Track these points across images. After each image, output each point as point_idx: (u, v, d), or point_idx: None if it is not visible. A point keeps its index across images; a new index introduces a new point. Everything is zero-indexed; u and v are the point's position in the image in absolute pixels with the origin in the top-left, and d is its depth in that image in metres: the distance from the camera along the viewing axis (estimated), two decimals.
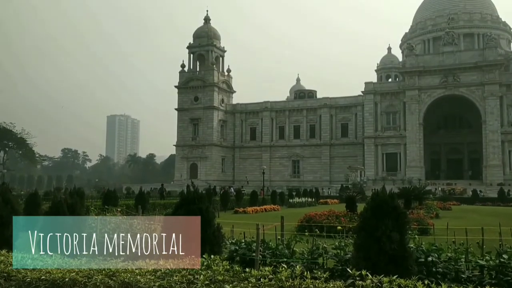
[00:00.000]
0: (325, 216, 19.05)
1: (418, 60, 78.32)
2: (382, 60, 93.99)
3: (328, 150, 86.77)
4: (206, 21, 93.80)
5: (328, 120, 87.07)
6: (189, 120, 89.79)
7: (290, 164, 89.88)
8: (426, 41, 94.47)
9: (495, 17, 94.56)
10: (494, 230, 11.30)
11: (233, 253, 9.41)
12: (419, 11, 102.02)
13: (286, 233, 12.31)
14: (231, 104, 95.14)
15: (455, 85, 74.32)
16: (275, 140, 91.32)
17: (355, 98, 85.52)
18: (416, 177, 71.33)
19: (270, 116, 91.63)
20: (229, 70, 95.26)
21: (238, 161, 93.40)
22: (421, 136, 76.32)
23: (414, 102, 76.28)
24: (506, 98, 73.04)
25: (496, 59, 73.82)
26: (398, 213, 6.29)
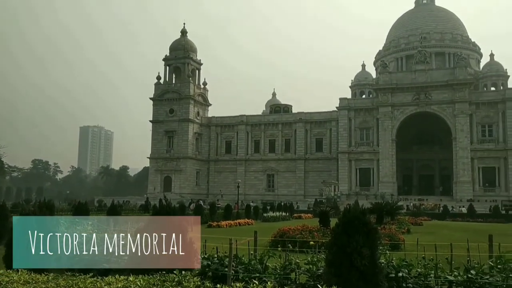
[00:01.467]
0: (299, 231, 19.09)
1: (391, 78, 79.94)
2: (357, 77, 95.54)
3: (303, 165, 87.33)
4: (183, 34, 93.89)
5: (303, 135, 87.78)
6: (164, 133, 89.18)
7: (265, 178, 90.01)
8: (399, 59, 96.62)
9: (465, 37, 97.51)
10: (463, 246, 11.54)
11: (205, 268, 9.34)
12: (392, 30, 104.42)
13: (259, 248, 12.29)
14: (206, 117, 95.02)
15: (426, 103, 76.03)
16: (250, 154, 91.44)
17: (330, 114, 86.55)
18: (389, 193, 72.31)
19: (246, 130, 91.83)
20: (205, 83, 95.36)
21: (213, 175, 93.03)
22: (393, 152, 77.56)
23: (387, 118, 77.64)
24: (475, 116, 75.05)
25: (466, 78, 75.93)
26: (369, 229, 6.37)
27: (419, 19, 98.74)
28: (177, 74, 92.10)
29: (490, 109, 75.06)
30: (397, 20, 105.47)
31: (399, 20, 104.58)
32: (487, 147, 74.31)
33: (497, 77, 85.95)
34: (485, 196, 70.75)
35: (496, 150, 73.74)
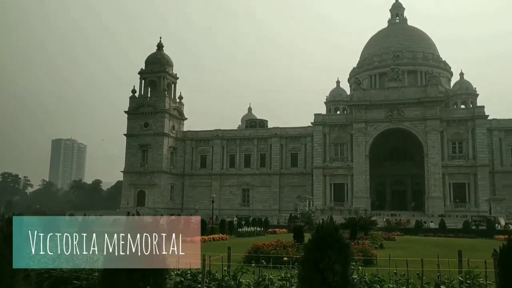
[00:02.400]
0: (273, 246, 19.07)
1: (365, 94, 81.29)
2: (331, 93, 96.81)
3: (278, 179, 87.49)
4: (159, 47, 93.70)
5: (279, 150, 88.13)
6: (138, 146, 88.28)
7: (240, 193, 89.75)
8: (373, 76, 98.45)
9: (436, 56, 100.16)
10: (434, 261, 11.72)
11: (178, 284, 9.23)
12: (366, 48, 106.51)
13: (233, 264, 12.22)
14: (182, 131, 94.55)
15: (399, 119, 77.48)
16: (225, 168, 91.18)
17: (305, 129, 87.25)
18: (363, 208, 72.99)
19: (221, 144, 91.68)
20: (181, 97, 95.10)
21: (188, 189, 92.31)
22: (367, 168, 78.52)
23: (361, 134, 78.72)
24: (446, 133, 76.79)
25: (437, 96, 77.80)
26: (342, 245, 6.40)
27: (392, 37, 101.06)
28: (152, 88, 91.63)
29: (460, 127, 76.95)
30: (370, 38, 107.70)
31: (373, 39, 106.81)
32: (458, 164, 75.97)
33: (466, 96, 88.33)
34: (456, 211, 72.08)
35: (466, 167, 75.43)
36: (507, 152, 77.81)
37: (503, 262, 6.27)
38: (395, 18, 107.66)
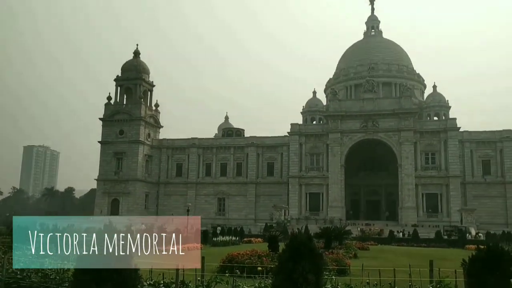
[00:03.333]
0: (248, 256, 19.01)
1: (341, 105, 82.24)
2: (308, 103, 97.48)
3: (254, 189, 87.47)
4: (136, 54, 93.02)
5: (255, 159, 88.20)
6: (113, 154, 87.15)
7: (216, 202, 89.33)
8: (349, 87, 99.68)
9: (410, 69, 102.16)
10: (406, 270, 11.88)
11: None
12: (342, 59, 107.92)
13: (207, 274, 12.13)
14: (158, 139, 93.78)
15: (374, 130, 78.58)
16: (201, 177, 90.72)
17: (282, 138, 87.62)
18: (338, 217, 73.54)
19: (197, 153, 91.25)
20: (157, 104, 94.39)
21: (163, 198, 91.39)
22: (342, 178, 79.23)
23: (336, 144, 79.48)
24: (419, 144, 78.18)
25: (411, 107, 79.26)
26: (315, 255, 6.46)
27: (368, 50, 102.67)
28: (128, 95, 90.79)
29: (433, 138, 78.48)
30: (346, 50, 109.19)
31: (349, 50, 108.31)
32: (430, 174, 77.35)
33: (439, 108, 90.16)
34: (429, 221, 73.22)
35: (438, 177, 76.86)
36: (478, 163, 79.63)
37: (471, 271, 6.42)
38: (370, 30, 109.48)
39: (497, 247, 6.44)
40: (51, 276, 11.45)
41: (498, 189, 77.92)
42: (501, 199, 77.41)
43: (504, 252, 6.43)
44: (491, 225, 70.14)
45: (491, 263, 6.32)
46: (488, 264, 6.31)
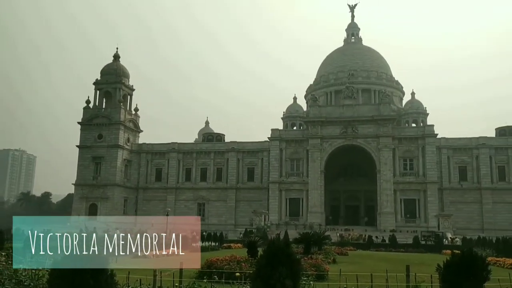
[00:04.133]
0: (227, 261, 18.96)
1: (321, 111, 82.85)
2: (288, 109, 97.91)
3: (234, 194, 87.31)
4: (116, 58, 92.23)
5: (235, 164, 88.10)
6: (91, 159, 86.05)
7: (195, 207, 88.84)
8: (329, 94, 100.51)
9: (389, 76, 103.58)
10: (384, 275, 11.99)
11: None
12: (323, 65, 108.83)
13: (185, 280, 12.05)
14: (137, 143, 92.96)
15: (353, 136, 79.32)
16: (181, 182, 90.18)
17: (262, 144, 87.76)
18: (317, 223, 73.87)
19: (177, 158, 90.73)
20: (137, 109, 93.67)
21: (142, 203, 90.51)
22: (322, 183, 79.69)
23: (316, 150, 79.96)
24: (398, 150, 79.19)
25: (390, 114, 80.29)
26: (293, 261, 6.49)
27: (348, 56, 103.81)
28: (107, 99, 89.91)
29: (411, 144, 79.58)
30: (327, 56, 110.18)
31: (329, 57, 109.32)
32: (408, 180, 78.36)
33: (417, 114, 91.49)
34: (407, 226, 74.05)
35: (416, 183, 77.91)
36: (454, 169, 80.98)
37: (446, 276, 6.52)
38: (350, 37, 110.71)
39: (471, 252, 6.55)
40: (25, 283, 11.22)
41: (474, 195, 79.34)
42: (477, 204, 78.83)
43: (478, 257, 6.55)
44: (467, 230, 71.34)
45: (465, 268, 6.43)
46: (462, 269, 6.41)
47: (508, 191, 78.06)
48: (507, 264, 28.11)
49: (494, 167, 79.51)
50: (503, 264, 28.77)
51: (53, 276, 6.76)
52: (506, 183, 78.60)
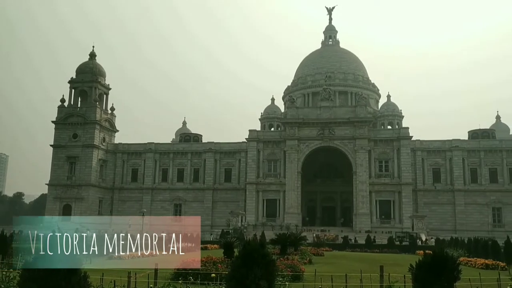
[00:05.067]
0: (203, 262, 18.89)
1: (298, 112, 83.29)
2: (266, 110, 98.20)
3: (211, 195, 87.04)
4: (92, 56, 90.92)
5: (213, 165, 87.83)
6: (66, 158, 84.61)
7: (172, 208, 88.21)
8: (306, 95, 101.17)
9: (365, 78, 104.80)
10: (358, 276, 12.12)
11: None
12: (300, 67, 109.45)
13: (160, 281, 11.95)
14: (113, 143, 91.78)
15: (330, 138, 79.99)
16: (157, 183, 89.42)
17: (239, 145, 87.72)
18: (294, 223, 74.20)
19: (154, 158, 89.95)
20: (113, 108, 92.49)
21: (117, 203, 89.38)
22: (299, 184, 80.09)
23: (293, 151, 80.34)
24: (373, 152, 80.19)
25: (366, 116, 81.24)
26: (268, 261, 6.50)
27: (325, 59, 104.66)
28: (83, 98, 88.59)
29: (387, 146, 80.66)
30: (305, 58, 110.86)
31: (307, 59, 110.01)
32: (384, 182, 79.40)
33: (393, 117, 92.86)
34: (382, 227, 75.03)
35: (391, 185, 79.01)
36: (428, 171, 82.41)
37: (418, 276, 6.64)
38: (328, 40, 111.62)
39: (442, 253, 6.68)
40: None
41: (447, 197, 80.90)
42: (450, 206, 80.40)
43: (449, 258, 6.68)
44: (440, 231, 72.79)
45: (436, 268, 6.55)
46: (434, 269, 6.53)
47: (479, 193, 79.86)
48: (478, 264, 28.75)
49: (466, 169, 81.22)
50: (474, 264, 29.40)
51: (24, 278, 6.62)
52: (478, 185, 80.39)
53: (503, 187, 79.54)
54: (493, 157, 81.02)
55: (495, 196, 79.53)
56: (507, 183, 79.63)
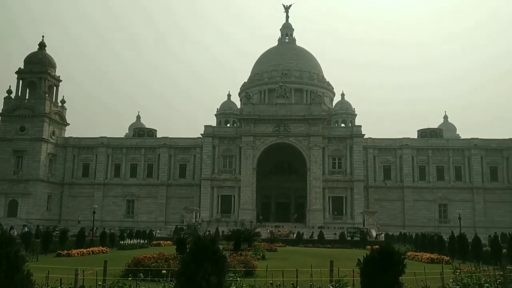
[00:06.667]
0: (154, 259, 18.64)
1: (254, 109, 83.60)
2: (222, 106, 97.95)
3: (165, 191, 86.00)
4: (41, 47, 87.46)
5: (167, 160, 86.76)
6: (12, 152, 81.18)
7: (124, 204, 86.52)
8: (263, 92, 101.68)
9: (321, 77, 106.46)
10: (309, 271, 12.30)
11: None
12: (257, 64, 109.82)
13: (110, 279, 11.68)
14: (63, 137, 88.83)
15: (285, 134, 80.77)
16: (109, 178, 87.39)
17: (195, 140, 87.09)
18: (248, 219, 74.52)
19: (106, 153, 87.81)
20: (64, 101, 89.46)
21: (67, 199, 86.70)
22: (254, 180, 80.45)
23: (249, 147, 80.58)
24: (327, 149, 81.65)
25: (321, 114, 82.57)
26: (218, 257, 6.47)
27: (282, 56, 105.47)
28: (31, 90, 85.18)
29: (340, 144, 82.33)
30: (261, 55, 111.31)
31: (264, 55, 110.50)
32: (336, 178, 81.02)
33: (346, 115, 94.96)
34: (334, 223, 76.61)
35: (344, 181, 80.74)
36: (379, 168, 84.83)
37: (365, 270, 6.81)
38: (284, 37, 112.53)
39: (389, 248, 6.87)
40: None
41: (397, 193, 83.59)
42: (399, 202, 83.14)
43: (395, 252, 6.88)
44: (390, 227, 75.17)
45: (383, 262, 6.74)
46: (380, 264, 6.72)
47: (427, 189, 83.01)
48: (424, 259, 29.83)
49: (415, 166, 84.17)
50: (420, 258, 30.49)
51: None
52: (426, 182, 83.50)
53: (449, 184, 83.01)
54: (441, 156, 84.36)
55: (441, 193, 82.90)
56: (453, 180, 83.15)
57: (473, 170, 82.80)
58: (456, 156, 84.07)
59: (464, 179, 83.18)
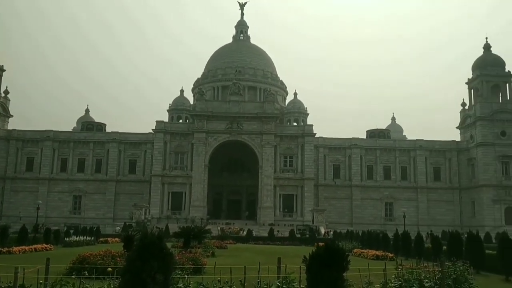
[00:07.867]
0: (101, 256, 18.21)
1: (208, 105, 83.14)
2: (175, 101, 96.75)
3: (114, 187, 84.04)
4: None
5: (116, 155, 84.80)
6: None
7: (71, 200, 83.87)
8: (216, 89, 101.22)
9: (274, 75, 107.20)
10: (257, 268, 12.41)
11: None
12: (211, 60, 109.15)
13: (52, 277, 11.31)
14: (6, 129, 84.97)
15: (238, 132, 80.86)
16: (55, 173, 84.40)
17: (146, 136, 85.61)
18: (199, 216, 74.12)
19: (52, 147, 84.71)
20: (7, 91, 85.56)
21: (9, 194, 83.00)
22: (205, 177, 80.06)
23: (201, 144, 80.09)
24: (279, 147, 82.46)
25: (273, 112, 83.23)
26: (165, 254, 6.41)
27: (236, 53, 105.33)
28: None
29: (292, 142, 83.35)
30: (216, 52, 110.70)
31: (218, 52, 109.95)
32: (288, 176, 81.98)
33: (298, 114, 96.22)
34: (284, 220, 77.52)
35: (295, 179, 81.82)
36: (329, 167, 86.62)
37: (310, 267, 6.95)
38: (239, 35, 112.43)
39: (334, 245, 7.04)
40: None
41: (346, 192, 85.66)
42: (347, 200, 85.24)
43: (339, 249, 7.06)
44: (338, 224, 76.91)
45: (328, 259, 6.90)
46: (325, 260, 6.87)
47: (374, 188, 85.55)
48: (369, 255, 30.74)
49: (364, 166, 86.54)
50: (366, 255, 31.40)
51: None
52: (373, 181, 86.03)
53: (395, 183, 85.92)
54: (388, 156, 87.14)
55: (388, 191, 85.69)
56: (399, 180, 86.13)
57: (417, 170, 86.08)
58: (402, 156, 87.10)
59: (409, 179, 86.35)
